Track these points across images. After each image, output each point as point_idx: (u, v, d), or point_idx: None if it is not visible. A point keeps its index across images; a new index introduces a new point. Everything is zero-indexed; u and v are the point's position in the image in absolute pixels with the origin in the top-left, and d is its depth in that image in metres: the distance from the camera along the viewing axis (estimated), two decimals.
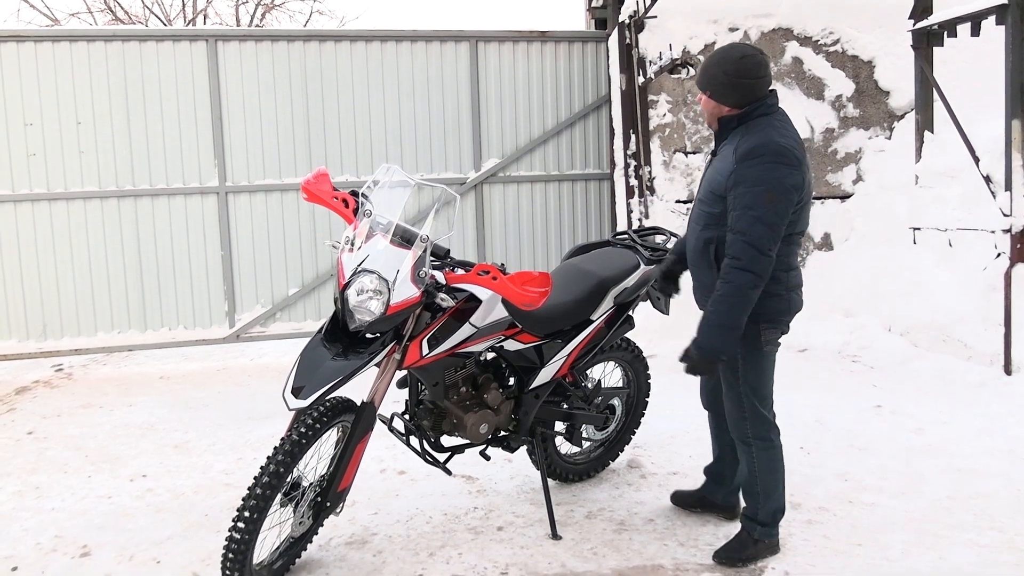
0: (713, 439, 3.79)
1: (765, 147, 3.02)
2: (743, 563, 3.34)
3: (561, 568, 3.35)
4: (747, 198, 3.00)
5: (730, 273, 3.03)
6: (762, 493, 3.37)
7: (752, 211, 2.99)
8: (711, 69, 3.18)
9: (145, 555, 3.54)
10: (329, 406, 3.15)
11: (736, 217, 3.04)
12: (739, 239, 3.01)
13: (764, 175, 2.99)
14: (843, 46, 7.83)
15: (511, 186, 7.87)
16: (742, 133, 3.14)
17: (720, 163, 3.20)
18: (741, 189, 3.02)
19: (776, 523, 3.42)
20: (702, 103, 3.25)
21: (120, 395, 6.15)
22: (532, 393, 3.72)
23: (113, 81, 7.00)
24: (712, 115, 3.25)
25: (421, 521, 3.81)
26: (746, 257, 3.00)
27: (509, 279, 3.11)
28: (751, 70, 3.12)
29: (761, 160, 3.01)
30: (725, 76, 3.13)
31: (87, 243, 7.05)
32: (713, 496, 3.79)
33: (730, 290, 3.03)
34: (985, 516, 3.72)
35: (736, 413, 3.34)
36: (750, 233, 2.99)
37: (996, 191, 6.00)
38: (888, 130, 7.85)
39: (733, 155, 3.09)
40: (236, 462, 4.63)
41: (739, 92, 3.13)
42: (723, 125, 3.22)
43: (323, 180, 3.41)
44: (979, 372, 5.72)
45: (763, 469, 3.35)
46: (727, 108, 3.18)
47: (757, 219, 2.98)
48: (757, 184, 2.99)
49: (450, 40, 7.64)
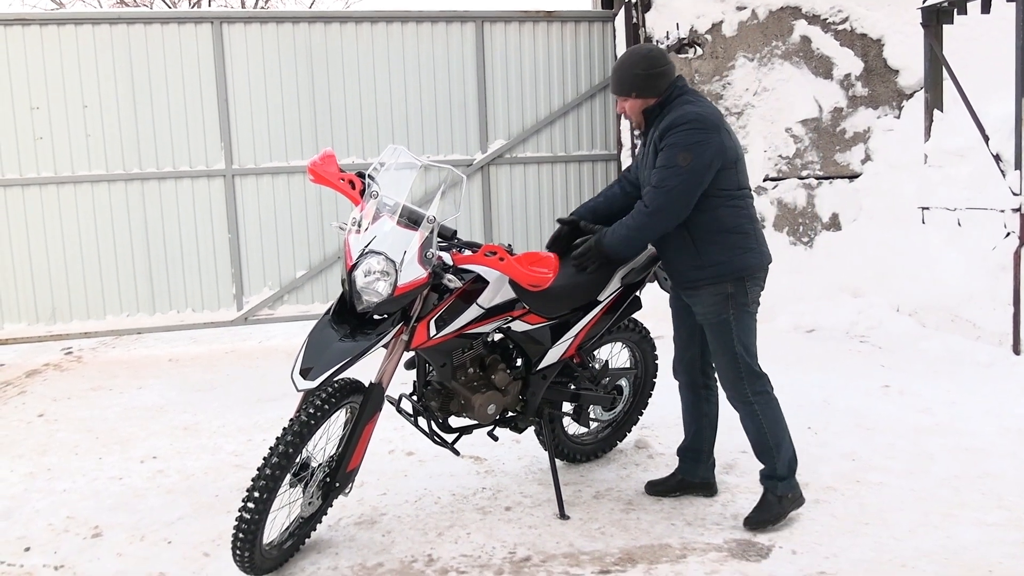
0: (688, 416, 3.84)
1: (682, 117, 3.31)
2: (774, 522, 3.45)
3: (569, 547, 3.37)
4: (663, 159, 3.30)
5: (639, 212, 3.36)
6: (774, 446, 3.49)
7: (668, 168, 3.28)
8: (626, 75, 3.44)
9: (156, 535, 3.57)
10: (337, 387, 3.16)
11: (655, 175, 3.33)
12: (652, 191, 3.32)
13: (680, 140, 3.27)
14: (852, 24, 7.77)
15: (517, 167, 7.85)
16: (665, 115, 3.39)
17: (653, 145, 3.42)
18: (663, 155, 3.32)
19: (794, 472, 3.54)
20: (627, 109, 3.49)
21: (129, 378, 6.18)
22: (540, 374, 3.73)
23: (119, 64, 6.99)
24: (638, 114, 3.48)
25: (429, 501, 3.83)
26: (656, 205, 3.30)
27: (516, 260, 3.11)
28: (658, 60, 3.42)
29: (678, 129, 3.29)
30: (643, 73, 3.40)
31: (95, 227, 7.06)
32: (692, 476, 3.81)
33: (636, 221, 3.36)
34: (993, 495, 3.72)
35: (732, 375, 3.48)
36: (664, 184, 3.28)
37: (1006, 170, 5.95)
38: (897, 109, 7.80)
39: (659, 133, 3.36)
40: (245, 443, 4.65)
41: (657, 82, 3.41)
42: (647, 116, 3.46)
43: (330, 162, 3.40)
44: (988, 352, 5.71)
45: (769, 421, 3.49)
46: (652, 100, 3.43)
47: (672, 174, 3.27)
48: (673, 147, 3.27)
49: (456, 21, 7.60)
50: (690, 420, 3.83)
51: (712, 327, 3.47)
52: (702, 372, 3.76)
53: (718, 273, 3.40)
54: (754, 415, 3.49)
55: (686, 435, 3.85)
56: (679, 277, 3.54)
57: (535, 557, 3.30)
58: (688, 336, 3.72)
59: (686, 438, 3.85)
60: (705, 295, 3.44)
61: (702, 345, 3.68)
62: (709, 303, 3.45)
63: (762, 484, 3.57)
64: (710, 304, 3.45)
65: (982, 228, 6.23)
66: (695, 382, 3.77)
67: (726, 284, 3.41)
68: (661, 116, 3.40)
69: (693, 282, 3.46)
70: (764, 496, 3.54)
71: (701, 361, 3.74)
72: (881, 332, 6.46)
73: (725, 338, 3.44)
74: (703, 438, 3.79)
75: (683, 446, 3.86)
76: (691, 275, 3.46)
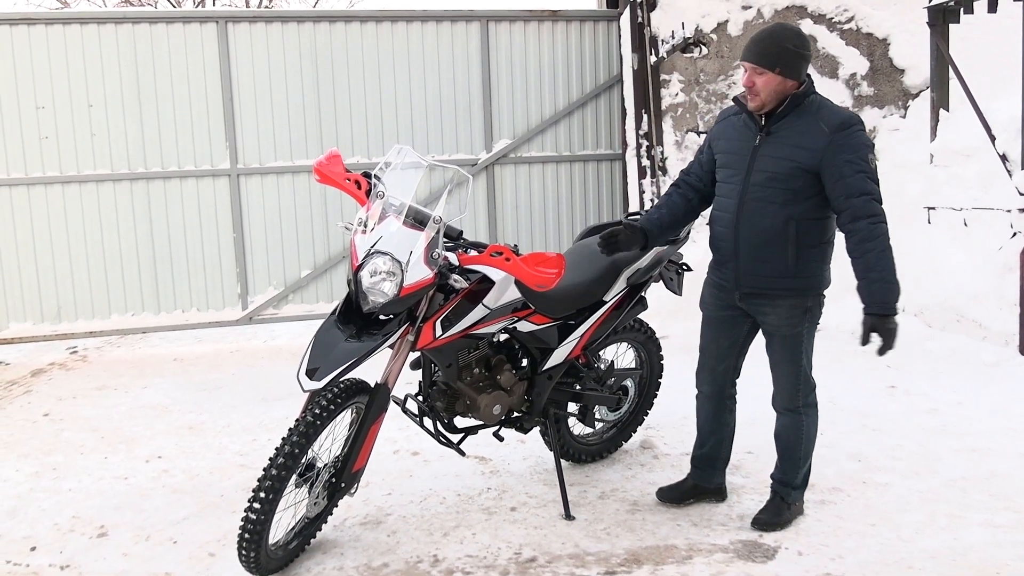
0: (708, 426, 3.68)
1: (852, 117, 3.17)
2: (782, 527, 3.44)
3: (574, 548, 3.37)
4: (857, 163, 3.09)
5: (876, 228, 3.10)
6: (803, 456, 3.47)
7: (865, 173, 3.09)
8: (773, 46, 3.14)
9: (162, 535, 3.57)
10: (343, 387, 3.16)
11: (851, 182, 3.08)
12: (867, 199, 3.09)
13: (861, 141, 3.12)
14: (858, 23, 7.75)
15: (522, 167, 7.84)
16: (813, 109, 3.19)
17: (798, 139, 3.17)
18: (847, 156, 3.09)
19: (807, 485, 3.56)
20: (761, 83, 3.16)
21: (135, 377, 6.19)
22: (545, 374, 3.72)
23: (124, 64, 6.99)
24: (775, 93, 3.17)
25: (435, 502, 3.83)
26: (881, 212, 3.11)
27: (522, 260, 3.11)
28: (807, 43, 3.22)
29: (855, 128, 3.13)
30: (795, 50, 3.14)
31: (100, 226, 7.07)
32: (707, 483, 3.72)
33: (882, 245, 3.11)
34: (1000, 496, 3.71)
35: (792, 386, 3.42)
36: (875, 191, 3.10)
37: (1012, 170, 5.94)
38: (903, 108, 7.78)
39: (822, 127, 3.13)
40: (250, 443, 4.66)
41: (801, 65, 3.18)
42: (790, 102, 3.18)
43: (336, 162, 3.40)
44: (994, 352, 5.69)
45: (808, 433, 3.48)
46: (792, 83, 3.18)
47: (871, 179, 3.10)
48: (859, 149, 3.10)
49: (461, 20, 7.59)
50: (710, 431, 3.68)
51: (784, 339, 3.36)
52: (732, 383, 3.65)
53: (807, 285, 3.30)
54: (798, 425, 3.45)
55: (703, 444, 3.71)
56: (755, 283, 3.33)
57: (541, 558, 3.29)
58: (728, 347, 3.54)
59: (704, 447, 3.71)
60: (784, 306, 3.31)
61: (740, 357, 3.58)
62: (786, 315, 3.32)
63: (774, 488, 3.54)
64: (787, 316, 3.32)
65: (988, 228, 6.21)
66: (722, 393, 3.63)
67: (808, 297, 3.32)
68: (809, 109, 3.17)
69: (775, 291, 3.29)
70: (774, 499, 3.52)
71: (734, 373, 3.63)
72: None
73: (795, 351, 3.36)
74: (723, 447, 3.70)
75: (700, 454, 3.73)
76: (775, 283, 3.29)
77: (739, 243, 3.32)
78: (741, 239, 3.31)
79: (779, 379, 3.45)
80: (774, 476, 3.55)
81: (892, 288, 3.15)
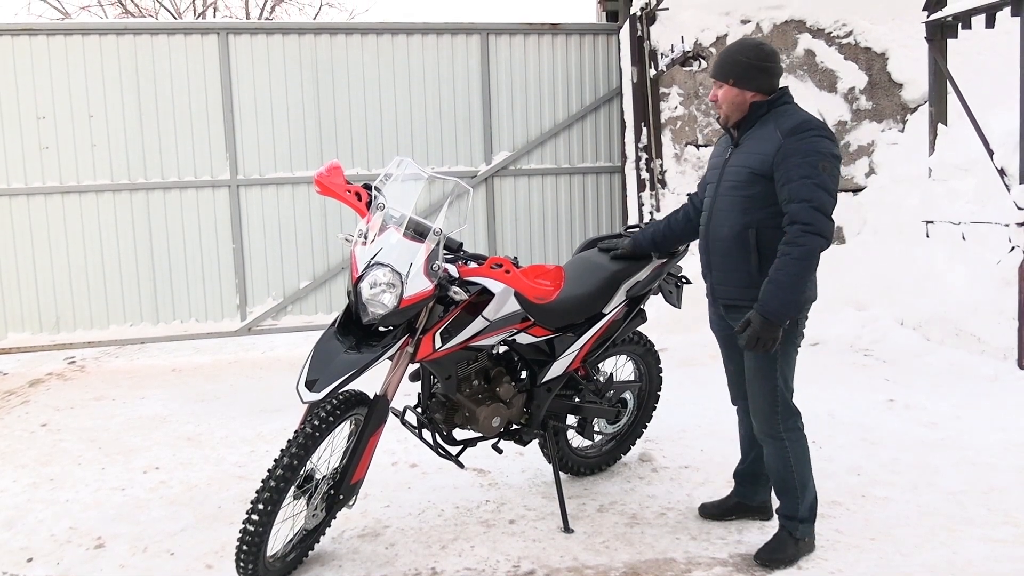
0: (747, 441, 3.63)
1: (810, 122, 3.10)
2: (787, 564, 3.27)
3: (573, 561, 3.36)
4: (803, 168, 3.01)
5: (802, 237, 2.99)
6: (799, 486, 3.30)
7: (811, 179, 3.00)
8: (729, 59, 3.21)
9: (159, 547, 3.56)
10: (342, 399, 3.15)
11: (795, 187, 3.01)
12: (806, 206, 2.99)
13: (814, 147, 3.03)
14: (856, 38, 7.79)
15: (522, 179, 7.86)
16: (775, 117, 3.16)
17: (756, 145, 3.17)
18: (796, 160, 3.03)
19: (815, 517, 3.37)
20: (720, 96, 3.23)
21: (132, 388, 6.18)
22: (544, 386, 3.72)
23: (125, 74, 7.01)
24: (734, 104, 3.22)
25: (433, 514, 3.82)
26: (817, 222, 2.99)
27: (522, 272, 3.11)
28: (770, 55, 3.21)
29: (809, 133, 3.06)
30: (748, 61, 3.18)
31: (99, 236, 7.08)
32: (750, 500, 3.65)
33: (802, 253, 3.00)
34: (999, 510, 3.70)
35: (768, 409, 3.28)
36: (816, 199, 2.99)
37: (1010, 184, 5.96)
38: (901, 123, 7.81)
39: (776, 133, 3.10)
40: (249, 454, 4.65)
41: (763, 76, 3.18)
42: (752, 112, 3.21)
43: (336, 173, 3.41)
44: (992, 366, 5.70)
45: (798, 460, 3.30)
46: (751, 94, 3.20)
47: (818, 186, 3.00)
48: (810, 155, 3.02)
49: (461, 32, 7.62)
50: (748, 445, 3.62)
51: (755, 355, 3.22)
52: None
53: None
54: (783, 452, 3.29)
55: (743, 459, 3.67)
56: (726, 294, 3.31)
57: (539, 571, 3.28)
58: (740, 361, 3.42)
59: (743, 462, 3.67)
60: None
61: None
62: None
63: (780, 522, 3.39)
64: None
65: (986, 242, 6.23)
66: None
67: None
68: (772, 119, 3.16)
69: (746, 301, 3.19)
70: (779, 533, 3.36)
71: None
72: (885, 345, 6.45)
73: (767, 369, 3.23)
74: (762, 462, 3.55)
75: (740, 470, 3.69)
76: (744, 294, 3.21)
77: (710, 254, 3.35)
78: (711, 250, 3.34)
79: (754, 398, 3.32)
80: (779, 511, 3.42)
81: (784, 298, 3.01)
